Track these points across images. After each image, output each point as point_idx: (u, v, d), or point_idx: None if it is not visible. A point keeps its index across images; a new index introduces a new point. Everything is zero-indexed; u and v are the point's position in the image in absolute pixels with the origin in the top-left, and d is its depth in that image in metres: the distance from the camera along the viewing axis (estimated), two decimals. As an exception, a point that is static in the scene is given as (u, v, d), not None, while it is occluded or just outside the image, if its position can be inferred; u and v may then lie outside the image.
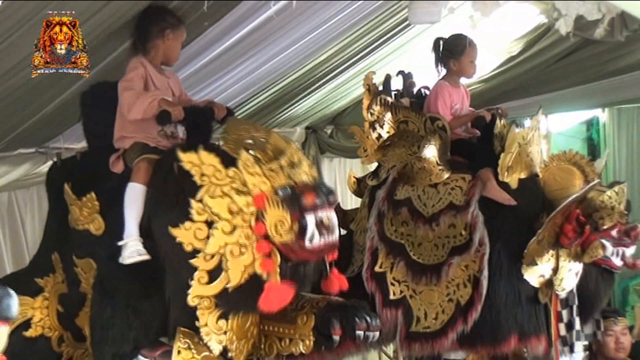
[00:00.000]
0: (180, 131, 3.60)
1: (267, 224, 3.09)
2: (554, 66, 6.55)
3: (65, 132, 4.68)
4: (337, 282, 3.32)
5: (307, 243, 3.06)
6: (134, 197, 3.38)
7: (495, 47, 6.52)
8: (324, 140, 7.05)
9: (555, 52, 6.38)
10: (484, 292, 4.00)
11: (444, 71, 4.60)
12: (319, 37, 5.12)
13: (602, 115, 7.70)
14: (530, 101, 6.70)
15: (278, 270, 3.11)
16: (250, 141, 3.28)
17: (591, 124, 7.85)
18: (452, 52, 4.54)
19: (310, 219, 3.06)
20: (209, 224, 3.14)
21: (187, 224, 3.14)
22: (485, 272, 4.01)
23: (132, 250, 3.29)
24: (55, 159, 4.14)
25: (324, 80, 5.99)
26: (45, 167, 4.74)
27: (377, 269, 4.26)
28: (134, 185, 3.40)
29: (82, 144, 4.60)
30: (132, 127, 3.55)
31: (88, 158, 3.85)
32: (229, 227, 3.12)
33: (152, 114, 3.43)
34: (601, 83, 6.54)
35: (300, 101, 6.27)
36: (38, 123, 4.39)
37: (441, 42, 4.63)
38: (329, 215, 3.11)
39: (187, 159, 3.17)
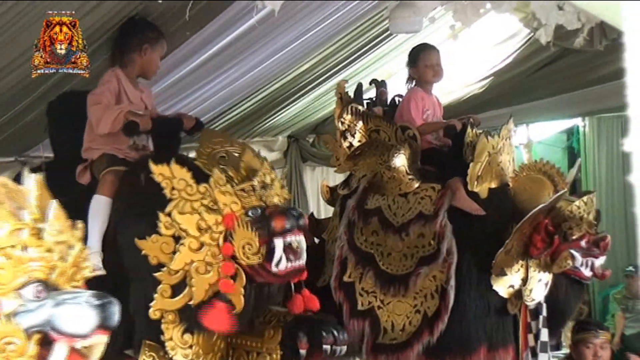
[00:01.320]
0: (151, 143, 3.55)
1: (235, 245, 3.05)
2: (534, 75, 6.59)
3: (44, 141, 4.65)
4: (303, 302, 3.27)
5: (273, 267, 3.03)
6: (99, 210, 3.33)
7: (475, 57, 6.55)
8: (306, 149, 7.04)
9: (535, 61, 6.42)
10: (451, 302, 3.95)
11: (413, 83, 4.58)
12: (301, 46, 5.12)
13: (582, 124, 7.76)
14: (510, 110, 6.72)
15: (242, 291, 3.07)
16: (224, 155, 3.23)
17: (571, 133, 7.91)
18: (410, 62, 4.55)
19: (278, 243, 3.02)
20: (176, 239, 3.09)
21: (154, 237, 3.08)
22: (452, 282, 3.95)
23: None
24: (22, 169, 4.07)
25: (306, 89, 5.99)
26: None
27: (345, 278, 4.20)
28: (99, 197, 3.35)
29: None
30: (101, 139, 3.50)
31: (54, 168, 3.79)
32: (196, 245, 3.07)
33: (119, 126, 3.38)
34: (581, 92, 6.59)
35: (283, 110, 6.26)
36: (17, 132, 4.36)
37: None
38: (298, 240, 3.06)
39: (159, 171, 3.10)
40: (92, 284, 3.16)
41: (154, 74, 3.73)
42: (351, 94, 4.57)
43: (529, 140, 7.34)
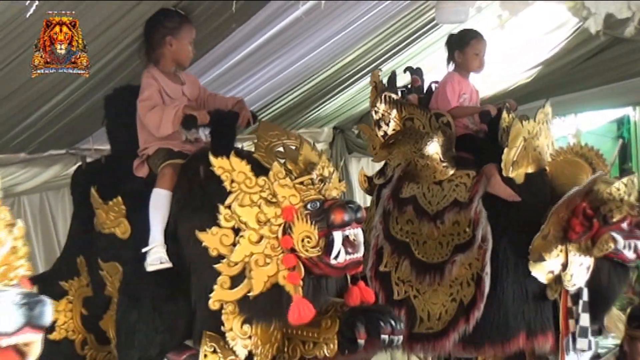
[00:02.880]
0: (203, 135, 3.59)
1: (294, 238, 3.09)
2: (584, 65, 6.50)
3: (95, 133, 4.73)
4: (359, 294, 3.31)
5: (332, 260, 3.07)
6: (159, 203, 3.39)
7: (524, 46, 6.47)
8: (351, 140, 7.05)
9: (585, 50, 6.34)
10: (487, 290, 3.94)
11: (452, 66, 4.56)
12: (346, 38, 5.13)
13: (633, 113, 7.63)
14: (560, 99, 6.65)
15: (301, 283, 3.12)
16: (281, 149, 3.28)
17: (622, 123, 7.79)
18: (457, 44, 4.51)
19: (337, 236, 3.06)
20: (236, 231, 3.14)
21: (214, 229, 3.14)
22: (488, 269, 3.94)
23: (155, 257, 3.31)
24: (80, 162, 4.14)
25: (351, 80, 6.00)
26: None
27: (381, 268, 4.23)
28: (158, 191, 3.40)
29: (111, 146, 4.65)
30: (154, 137, 3.55)
31: (113, 162, 3.86)
32: (255, 237, 3.13)
33: (179, 123, 3.44)
34: (631, 81, 6.48)
35: (328, 101, 6.28)
36: (68, 125, 4.43)
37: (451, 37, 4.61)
38: (356, 233, 3.10)
39: (218, 164, 3.16)
40: (153, 277, 3.24)
41: (188, 60, 3.70)
42: (385, 83, 4.54)
43: (578, 130, 7.24)
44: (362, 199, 6.43)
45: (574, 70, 6.53)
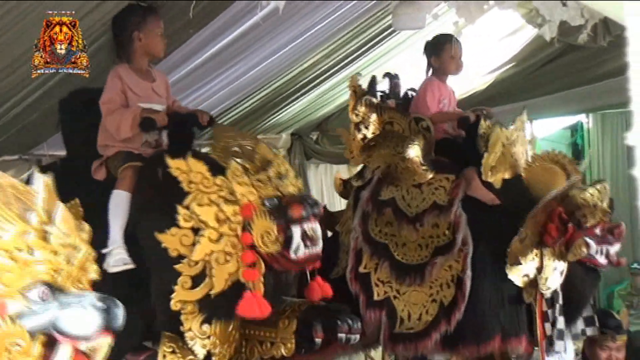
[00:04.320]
0: (164, 138, 3.58)
1: (254, 234, 3.12)
2: (538, 71, 6.59)
3: (49, 139, 4.66)
4: (319, 289, 3.35)
5: (292, 254, 3.10)
6: (119, 204, 3.37)
7: (479, 53, 6.54)
8: (309, 147, 7.05)
9: (539, 57, 6.42)
10: (468, 292, 3.99)
11: (429, 72, 4.62)
12: (304, 44, 5.14)
13: (587, 120, 7.75)
14: (514, 106, 6.72)
15: (262, 279, 3.14)
16: (237, 149, 3.29)
17: (575, 129, 7.91)
18: (433, 49, 4.56)
19: (296, 231, 3.09)
20: (195, 231, 3.15)
21: (174, 229, 3.15)
22: (469, 272, 3.99)
23: (117, 258, 3.27)
24: (35, 167, 4.09)
25: (309, 86, 6.01)
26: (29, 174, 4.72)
27: (361, 269, 4.25)
28: (118, 192, 3.39)
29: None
30: (114, 139, 3.53)
31: (69, 165, 3.80)
32: (215, 235, 3.14)
33: (138, 126, 3.43)
34: (585, 88, 6.57)
35: (286, 107, 6.28)
36: (21, 130, 4.37)
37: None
38: (314, 227, 3.14)
39: (175, 165, 3.17)
40: (112, 279, 3.21)
41: (162, 51, 3.66)
42: (364, 87, 4.58)
43: (533, 137, 7.32)
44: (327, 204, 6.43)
45: (530, 77, 6.61)
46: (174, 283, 3.15)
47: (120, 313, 1.91)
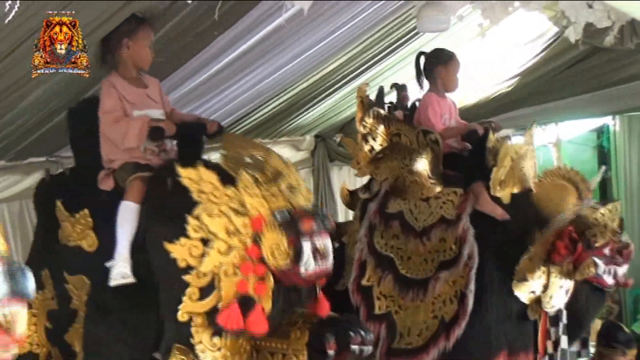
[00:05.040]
0: (168, 144, 3.57)
1: (263, 247, 3.07)
2: (564, 74, 6.55)
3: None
4: (327, 305, 3.29)
5: (301, 269, 3.04)
6: (127, 216, 3.35)
7: (504, 55, 6.53)
8: (332, 149, 7.06)
9: (565, 59, 6.39)
10: (469, 307, 3.96)
11: (426, 85, 4.56)
12: (328, 46, 5.14)
13: (613, 122, 7.69)
14: (540, 108, 6.70)
15: (270, 294, 3.10)
16: (249, 160, 3.25)
17: (601, 132, 7.84)
18: (439, 59, 4.51)
19: (306, 245, 3.03)
20: (205, 242, 3.11)
21: (183, 240, 3.11)
22: (472, 287, 3.97)
23: (117, 272, 3.28)
24: (44, 176, 4.08)
25: (333, 88, 6.02)
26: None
27: (364, 282, 4.24)
28: (127, 204, 3.37)
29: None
30: (119, 150, 3.52)
31: (78, 174, 3.82)
32: (224, 247, 3.10)
33: (145, 137, 3.42)
34: (611, 90, 6.54)
35: (310, 109, 6.29)
36: (48, 132, 4.41)
37: (422, 56, 4.61)
38: (325, 242, 3.08)
39: (186, 175, 3.13)
40: (121, 290, 3.22)
41: (147, 63, 3.63)
42: (372, 97, 4.56)
43: (558, 139, 7.30)
44: (344, 207, 6.44)
45: (555, 79, 6.58)
46: (182, 294, 3.13)
47: (28, 279, 1.89)
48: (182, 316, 3.13)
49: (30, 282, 1.90)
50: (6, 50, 3.19)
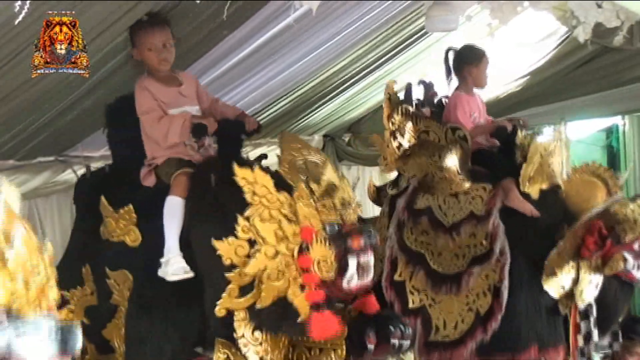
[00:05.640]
0: (207, 141, 3.59)
1: (311, 258, 3.14)
2: (573, 74, 6.54)
3: (84, 140, 4.72)
4: (374, 303, 3.38)
5: (344, 284, 3.13)
6: (174, 211, 3.42)
7: (512, 55, 6.51)
8: (341, 148, 7.06)
9: (574, 59, 6.38)
10: (504, 301, 4.02)
11: (455, 82, 4.61)
12: (337, 45, 5.15)
13: (622, 122, 7.67)
14: (549, 108, 6.69)
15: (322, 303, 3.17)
16: (302, 165, 3.32)
17: (611, 132, 7.82)
18: (470, 58, 4.56)
19: (352, 261, 3.11)
20: (251, 243, 3.17)
21: (231, 239, 3.17)
22: (506, 282, 4.03)
23: (177, 267, 3.34)
24: (84, 172, 4.13)
25: (341, 88, 6.02)
26: (64, 175, 4.78)
27: (396, 277, 4.29)
28: (173, 198, 3.43)
29: (101, 152, 4.64)
30: (161, 148, 3.58)
31: (118, 170, 3.88)
32: (272, 252, 3.17)
33: (188, 133, 3.50)
34: (620, 90, 6.53)
35: (318, 109, 6.29)
36: (57, 131, 4.42)
37: (452, 52, 4.64)
38: (369, 259, 3.16)
39: (242, 175, 3.17)
40: (164, 285, 3.24)
41: (159, 63, 3.62)
42: (401, 95, 4.60)
43: (567, 139, 7.26)
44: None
45: (564, 79, 6.58)
46: (224, 291, 3.19)
47: (77, 338, 1.92)
48: (219, 311, 3.20)
49: (78, 338, 1.93)
50: (14, 50, 3.20)
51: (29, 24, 2.92)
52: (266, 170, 3.26)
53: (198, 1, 3.29)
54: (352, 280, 3.13)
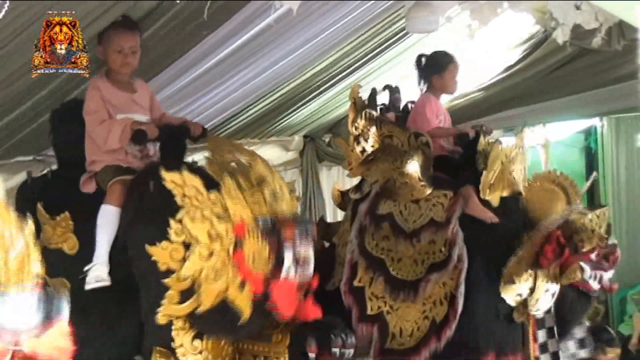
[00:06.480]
0: (152, 150, 3.55)
1: (245, 254, 3.06)
2: (552, 75, 6.57)
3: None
4: (310, 310, 3.26)
5: (282, 276, 3.04)
6: (107, 220, 3.34)
7: (492, 56, 6.54)
8: (322, 149, 7.04)
9: (553, 61, 6.41)
10: (459, 309, 3.98)
11: (425, 88, 4.60)
12: (317, 46, 5.14)
13: (600, 124, 7.71)
14: (528, 110, 6.72)
15: (250, 298, 3.07)
16: (234, 165, 3.23)
17: (589, 133, 7.86)
18: (435, 67, 4.55)
19: (287, 253, 3.04)
20: (186, 246, 3.11)
21: (165, 243, 3.11)
22: (462, 289, 3.99)
23: (93, 275, 3.26)
24: (26, 178, 4.06)
25: (322, 88, 6.01)
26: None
27: (355, 283, 4.24)
28: (107, 207, 3.35)
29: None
30: (102, 153, 3.50)
31: (59, 177, 3.80)
32: (206, 252, 3.09)
33: (128, 139, 3.40)
34: (599, 92, 6.56)
35: (299, 109, 6.28)
36: (35, 130, 4.39)
37: (423, 59, 4.64)
38: (306, 250, 3.08)
39: (170, 178, 3.13)
40: (102, 292, 3.20)
41: (122, 67, 3.56)
42: (364, 99, 4.56)
43: (546, 140, 7.31)
44: (332, 208, 6.45)
45: (543, 81, 6.60)
46: (162, 297, 3.12)
47: (61, 307, 1.92)
48: (161, 319, 3.13)
49: (63, 309, 1.94)
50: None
51: (9, 20, 2.90)
52: (196, 170, 3.20)
53: (178, 1, 3.28)
54: (289, 272, 3.03)
